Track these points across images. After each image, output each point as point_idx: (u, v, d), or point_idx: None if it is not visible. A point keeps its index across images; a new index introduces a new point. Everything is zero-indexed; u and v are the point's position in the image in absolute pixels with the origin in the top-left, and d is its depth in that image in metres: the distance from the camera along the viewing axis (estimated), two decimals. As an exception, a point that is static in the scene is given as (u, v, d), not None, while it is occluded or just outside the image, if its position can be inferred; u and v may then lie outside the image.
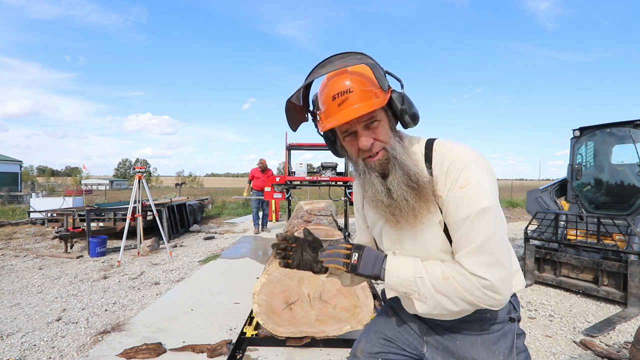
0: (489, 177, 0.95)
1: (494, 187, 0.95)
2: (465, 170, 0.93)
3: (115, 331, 3.25)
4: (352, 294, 2.70)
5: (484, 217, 0.91)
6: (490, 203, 0.91)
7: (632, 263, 3.75)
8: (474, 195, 0.92)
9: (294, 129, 1.12)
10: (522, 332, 1.09)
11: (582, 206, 5.00)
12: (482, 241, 0.90)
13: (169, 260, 6.11)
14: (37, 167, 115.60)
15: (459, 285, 0.91)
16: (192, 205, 10.22)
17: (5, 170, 28.02)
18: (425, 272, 0.95)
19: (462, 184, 0.93)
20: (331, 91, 0.99)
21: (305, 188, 15.19)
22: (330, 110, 0.99)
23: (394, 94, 1.00)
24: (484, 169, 0.95)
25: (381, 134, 1.00)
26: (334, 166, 6.42)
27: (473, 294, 0.90)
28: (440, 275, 0.93)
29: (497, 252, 0.90)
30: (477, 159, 0.96)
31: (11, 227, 9.90)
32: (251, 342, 2.95)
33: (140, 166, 6.56)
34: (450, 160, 0.96)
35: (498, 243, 0.91)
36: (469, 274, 0.90)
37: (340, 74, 0.99)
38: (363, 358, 1.23)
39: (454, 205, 0.94)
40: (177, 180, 54.32)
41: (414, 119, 1.02)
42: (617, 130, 4.70)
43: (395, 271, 0.98)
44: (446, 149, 1.00)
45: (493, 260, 0.89)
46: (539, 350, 2.96)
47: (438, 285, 0.93)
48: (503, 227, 0.95)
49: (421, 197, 0.97)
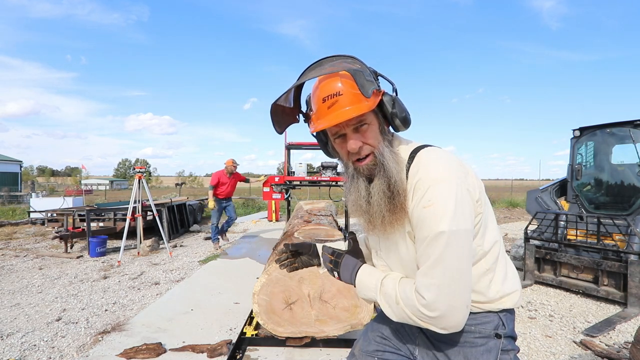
0: (456, 199, 0.89)
1: (461, 210, 0.90)
2: (431, 190, 0.91)
3: (115, 331, 3.25)
4: (352, 294, 2.70)
5: (439, 240, 0.88)
6: (450, 227, 0.87)
7: (632, 263, 3.75)
8: (434, 217, 0.89)
9: (280, 131, 1.13)
10: (513, 349, 1.06)
11: (582, 206, 5.00)
12: (432, 264, 0.89)
13: (169, 260, 6.11)
14: (37, 167, 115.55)
15: (407, 308, 0.94)
16: (192, 205, 10.23)
17: (5, 170, 28.01)
18: (382, 294, 1.01)
19: (425, 204, 0.91)
20: (322, 93, 0.99)
21: (305, 188, 15.19)
22: (321, 112, 1.00)
23: (385, 97, 1.00)
24: (453, 189, 0.90)
25: (370, 138, 1.00)
26: (334, 166, 6.40)
27: (415, 313, 0.92)
28: (393, 300, 0.98)
29: (445, 277, 0.88)
30: (447, 178, 0.91)
31: (11, 227, 9.90)
32: (251, 342, 2.95)
33: (140, 166, 6.56)
34: (419, 177, 0.94)
35: (450, 268, 0.88)
36: (414, 293, 0.92)
37: (331, 76, 0.99)
38: (360, 356, 1.25)
39: (416, 224, 0.94)
40: (177, 180, 54.34)
41: (405, 122, 1.02)
42: (617, 130, 4.70)
43: (361, 290, 1.08)
44: (422, 163, 0.97)
45: (440, 283, 0.88)
46: (539, 350, 2.96)
47: (393, 307, 0.98)
48: (465, 249, 0.90)
49: (394, 207, 0.97)
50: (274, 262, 2.81)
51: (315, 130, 1.02)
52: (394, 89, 1.01)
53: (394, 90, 1.02)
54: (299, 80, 1.02)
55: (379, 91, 0.99)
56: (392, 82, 1.01)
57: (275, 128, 1.11)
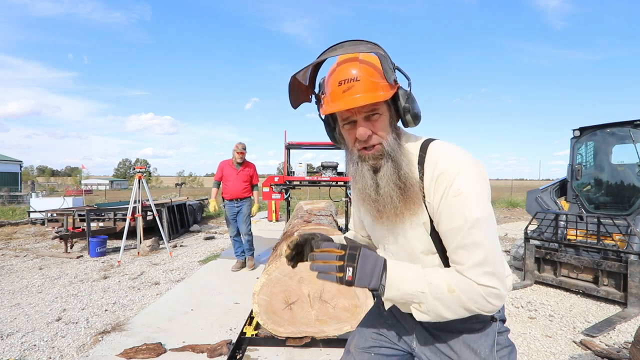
0: (481, 184, 0.94)
1: (486, 193, 0.95)
2: (458, 178, 0.92)
3: (115, 331, 3.25)
4: (352, 293, 2.70)
5: (480, 227, 0.90)
6: (483, 213, 0.91)
7: (632, 263, 3.75)
8: (467, 205, 0.91)
9: (295, 106, 1.12)
10: (506, 330, 1.10)
11: (582, 206, 5.00)
12: (484, 253, 0.90)
13: (169, 260, 6.11)
14: (37, 167, 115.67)
15: (465, 297, 0.90)
16: (192, 205, 10.23)
17: (5, 170, 28.04)
18: (428, 284, 0.92)
19: (455, 193, 0.92)
20: (338, 76, 0.98)
21: (305, 188, 15.19)
22: (335, 95, 0.99)
23: (400, 91, 1.00)
24: (475, 175, 0.94)
25: (380, 128, 1.00)
26: (334, 166, 6.38)
27: (477, 302, 0.90)
28: (445, 289, 0.91)
29: (497, 261, 0.91)
30: (469, 165, 0.95)
31: (11, 227, 9.90)
32: (251, 342, 2.95)
33: (140, 166, 6.56)
34: (442, 168, 0.95)
35: (496, 252, 0.92)
36: (476, 285, 0.90)
37: (350, 60, 0.99)
38: (356, 353, 1.24)
39: (447, 214, 0.94)
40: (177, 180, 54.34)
41: (416, 118, 1.02)
42: (617, 130, 4.70)
43: (396, 285, 0.93)
44: (439, 153, 0.98)
45: (495, 270, 0.90)
46: (539, 350, 2.95)
47: (443, 298, 0.91)
48: (495, 231, 0.95)
49: (406, 198, 0.98)
50: (274, 262, 2.82)
51: (327, 112, 1.01)
52: (409, 84, 1.01)
53: (409, 85, 1.01)
54: (320, 58, 1.01)
55: (396, 83, 1.00)
56: (409, 77, 1.00)
57: (291, 102, 1.09)
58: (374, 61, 0.99)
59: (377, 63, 0.99)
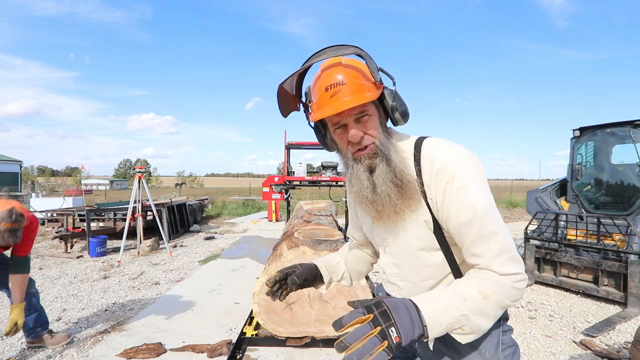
0: (481, 175, 0.96)
1: (485, 181, 0.98)
2: (458, 171, 0.93)
3: (115, 331, 3.25)
4: (352, 294, 2.70)
5: (490, 215, 0.92)
6: (488, 202, 0.93)
7: (632, 263, 3.75)
8: (473, 195, 0.92)
9: (285, 115, 1.12)
10: (510, 329, 1.10)
11: (582, 206, 5.00)
12: (502, 240, 0.91)
13: (169, 260, 6.11)
14: (38, 167, 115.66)
15: (500, 295, 0.88)
16: (192, 205, 10.23)
17: (6, 170, 28.03)
18: (463, 302, 0.86)
19: (459, 186, 0.93)
20: (324, 82, 0.99)
21: (305, 188, 15.19)
22: (322, 101, 1.00)
23: (386, 91, 1.01)
24: (473, 166, 0.96)
25: (371, 128, 1.01)
26: (334, 166, 6.39)
27: (510, 295, 0.89)
28: (480, 297, 0.87)
29: (513, 245, 0.93)
30: (465, 157, 0.97)
31: (11, 227, 9.89)
32: (251, 342, 2.95)
33: (140, 166, 6.57)
34: (440, 163, 0.96)
35: (509, 236, 0.94)
36: (501, 277, 0.89)
37: (334, 65, 1.00)
38: None
39: (455, 209, 0.94)
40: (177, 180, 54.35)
41: (404, 116, 1.03)
42: (617, 130, 4.70)
43: (437, 321, 0.84)
44: (434, 150, 0.99)
45: (514, 254, 0.92)
46: (539, 350, 2.95)
47: (483, 309, 0.87)
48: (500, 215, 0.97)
49: (404, 195, 0.98)
50: (274, 262, 2.82)
51: (317, 118, 1.01)
52: (394, 83, 1.02)
53: (394, 84, 1.02)
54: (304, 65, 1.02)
55: (381, 84, 1.01)
56: (392, 77, 1.01)
57: (281, 111, 1.09)
58: (357, 64, 1.01)
59: (360, 65, 1.00)
